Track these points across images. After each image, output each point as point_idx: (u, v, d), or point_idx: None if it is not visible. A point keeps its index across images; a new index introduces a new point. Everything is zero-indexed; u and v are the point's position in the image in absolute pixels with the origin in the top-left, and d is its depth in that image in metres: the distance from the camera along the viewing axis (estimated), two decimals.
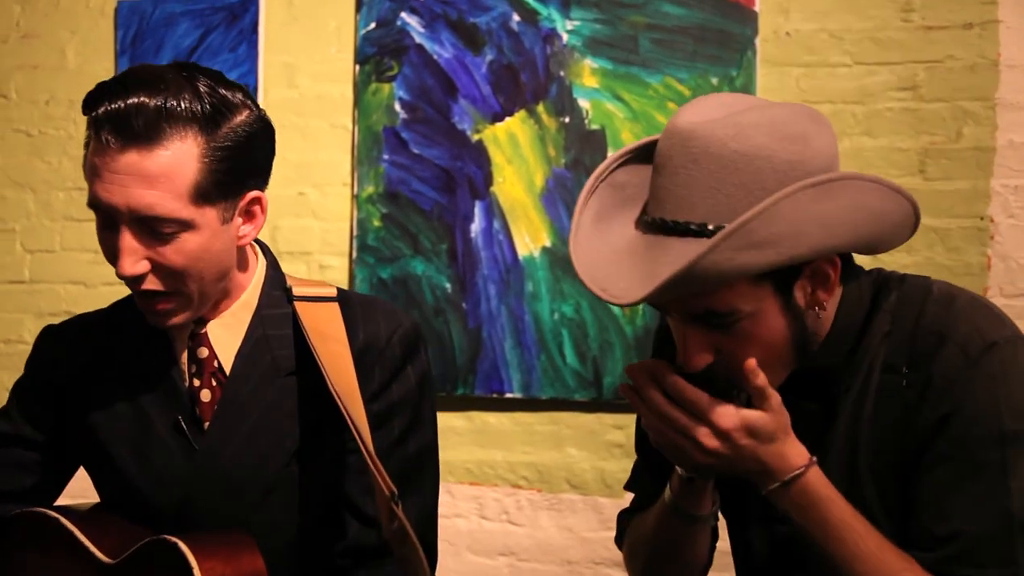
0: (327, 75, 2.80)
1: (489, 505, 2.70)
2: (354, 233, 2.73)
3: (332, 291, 1.46)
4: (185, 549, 1.22)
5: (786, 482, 1.15)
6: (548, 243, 2.59)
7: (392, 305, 1.51)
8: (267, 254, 1.48)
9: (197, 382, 1.38)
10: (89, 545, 1.34)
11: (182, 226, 1.24)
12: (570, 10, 2.58)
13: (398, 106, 2.70)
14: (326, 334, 1.37)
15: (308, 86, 2.82)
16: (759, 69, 2.48)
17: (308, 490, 1.40)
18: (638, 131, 2.52)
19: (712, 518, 1.33)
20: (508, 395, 2.63)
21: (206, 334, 1.39)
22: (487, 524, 2.70)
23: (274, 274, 1.45)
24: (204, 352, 1.38)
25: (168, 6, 2.90)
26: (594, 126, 2.57)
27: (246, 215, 1.34)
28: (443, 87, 2.67)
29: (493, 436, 2.69)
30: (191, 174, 1.22)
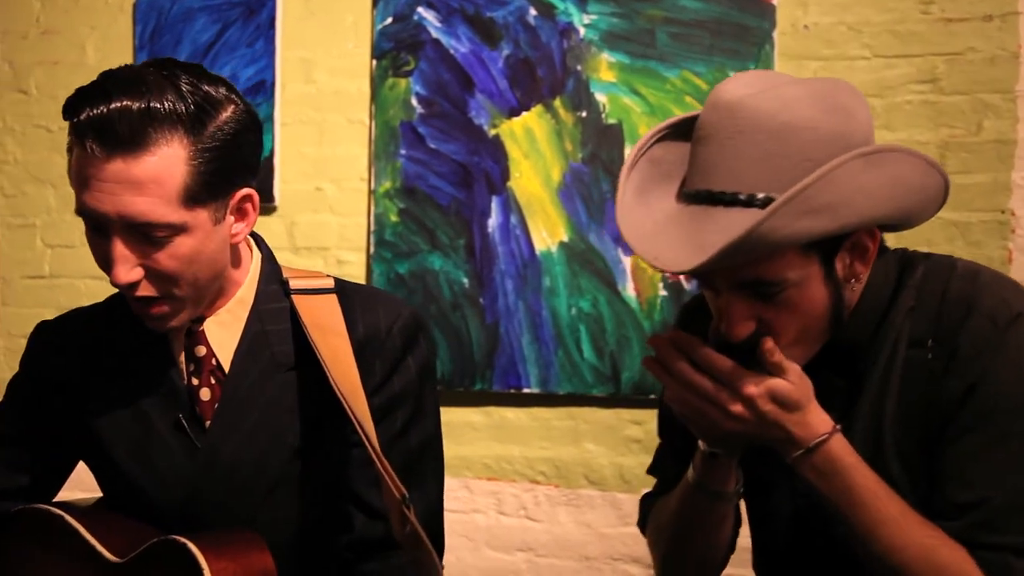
0: (344, 70, 2.80)
1: (507, 500, 2.70)
2: (371, 228, 2.74)
3: (329, 282, 1.44)
4: (195, 550, 1.21)
5: (810, 448, 1.16)
6: (565, 238, 2.59)
7: (391, 294, 1.49)
8: (262, 247, 1.46)
9: (196, 381, 1.37)
10: (96, 544, 1.33)
11: (174, 230, 1.22)
12: (587, 4, 2.57)
13: (415, 101, 2.70)
14: (325, 328, 1.36)
15: (325, 81, 2.82)
16: (777, 63, 2.46)
17: (312, 485, 1.40)
18: (655, 125, 2.50)
19: (735, 496, 1.32)
20: (526, 390, 2.62)
21: (203, 332, 1.37)
22: (505, 519, 2.70)
23: (270, 267, 1.43)
24: (202, 350, 1.37)
25: (186, 2, 2.91)
26: (611, 120, 2.56)
27: (238, 213, 1.32)
28: (460, 82, 2.67)
29: (511, 431, 2.68)
30: (179, 177, 1.20)
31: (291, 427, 1.38)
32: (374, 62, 2.74)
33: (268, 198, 2.81)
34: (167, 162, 1.19)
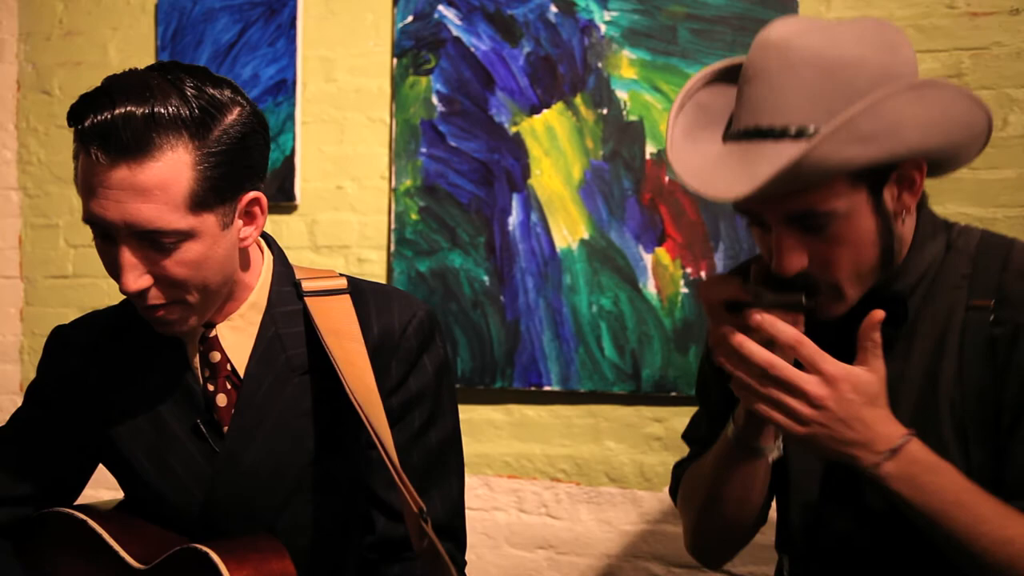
0: (365, 69, 2.81)
1: (528, 498, 2.70)
2: (392, 226, 2.74)
3: (342, 282, 1.43)
4: (216, 559, 1.22)
5: (895, 449, 1.13)
6: (586, 235, 2.58)
7: (406, 293, 1.48)
8: (273, 248, 1.45)
9: (212, 387, 1.37)
10: (119, 550, 1.34)
11: (182, 236, 1.21)
12: (608, 1, 2.56)
13: (435, 99, 2.70)
14: (340, 331, 1.35)
15: (346, 80, 2.83)
16: None
17: (332, 487, 1.40)
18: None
19: (775, 451, 1.31)
20: (546, 388, 2.62)
21: (216, 338, 1.37)
22: (526, 517, 2.70)
23: (282, 269, 1.42)
24: (216, 356, 1.37)
25: (207, 2, 2.92)
26: (632, 117, 2.55)
27: (246, 216, 1.31)
28: (480, 80, 2.67)
29: (531, 429, 2.68)
30: (186, 183, 1.19)
31: (308, 431, 1.37)
32: (394, 60, 2.75)
33: (289, 197, 2.82)
34: (172, 168, 1.18)
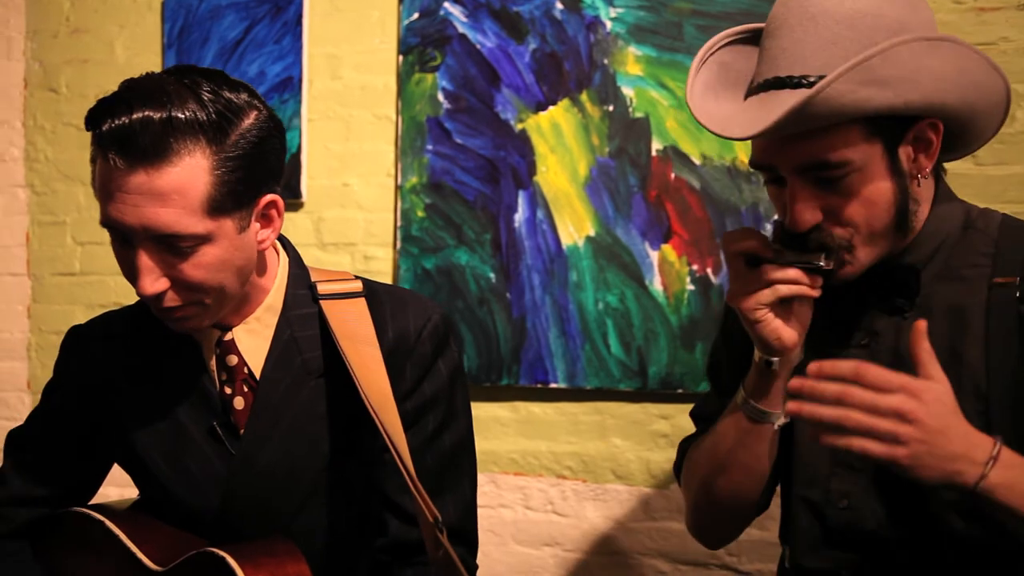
0: (371, 66, 2.81)
1: (534, 495, 2.70)
2: (398, 224, 2.74)
3: (358, 285, 1.43)
4: (233, 563, 1.22)
5: (993, 456, 1.08)
6: (592, 232, 2.58)
7: (421, 296, 1.48)
8: (289, 250, 1.45)
9: (229, 390, 1.38)
10: (136, 551, 1.34)
11: (199, 240, 1.22)
12: None
13: (441, 96, 2.70)
14: (355, 335, 1.36)
15: (352, 77, 2.83)
16: None
17: (347, 490, 1.40)
18: (683, 119, 2.49)
19: (780, 417, 1.30)
20: (552, 385, 2.62)
21: (233, 341, 1.37)
22: (532, 514, 2.70)
23: (298, 271, 1.43)
24: (233, 360, 1.37)
25: None
26: (638, 114, 2.55)
27: (263, 219, 1.31)
28: (486, 77, 2.67)
29: (538, 426, 2.68)
30: (203, 187, 1.19)
31: (324, 434, 1.38)
32: (400, 58, 2.75)
33: (295, 194, 2.82)
34: (190, 173, 1.18)
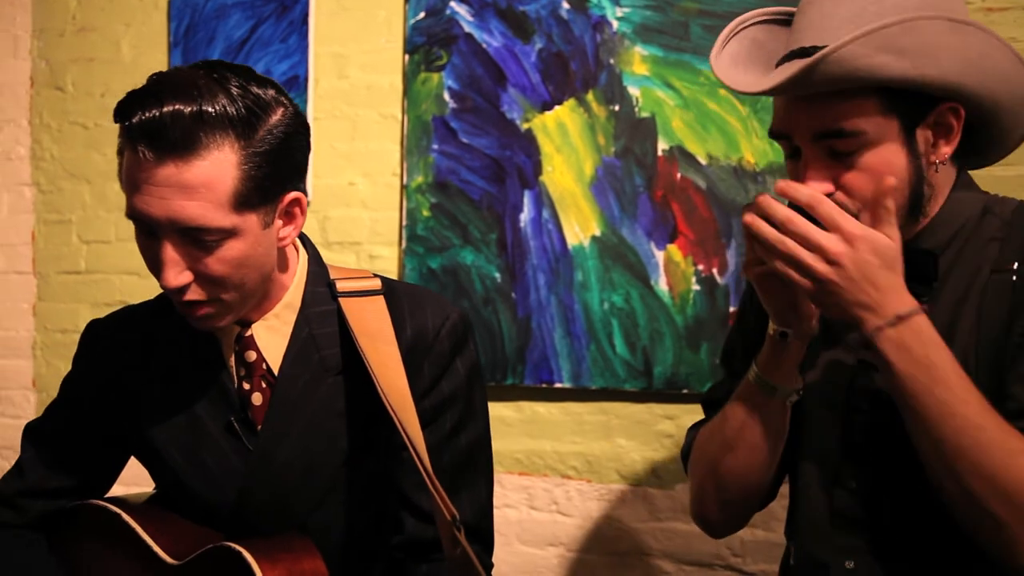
0: (376, 65, 2.81)
1: (538, 495, 2.70)
2: (403, 223, 2.74)
3: (376, 283, 1.44)
4: (250, 558, 1.23)
5: (901, 316, 1.12)
6: (598, 232, 2.58)
7: (439, 295, 1.48)
8: (308, 248, 1.46)
9: (247, 385, 1.38)
10: (152, 544, 1.35)
11: (225, 234, 1.22)
12: None
13: (447, 95, 2.70)
14: (373, 333, 1.36)
15: (358, 76, 2.83)
16: None
17: (364, 488, 1.40)
18: (689, 119, 2.49)
19: (794, 394, 1.30)
20: (557, 385, 2.62)
21: (252, 337, 1.38)
22: (536, 514, 2.70)
23: (317, 269, 1.43)
24: (252, 356, 1.38)
25: None
26: (644, 114, 2.54)
27: (286, 216, 1.32)
28: (492, 76, 2.66)
29: (542, 426, 2.68)
30: (230, 181, 1.20)
31: (341, 431, 1.38)
32: (406, 57, 2.75)
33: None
34: (218, 166, 1.19)
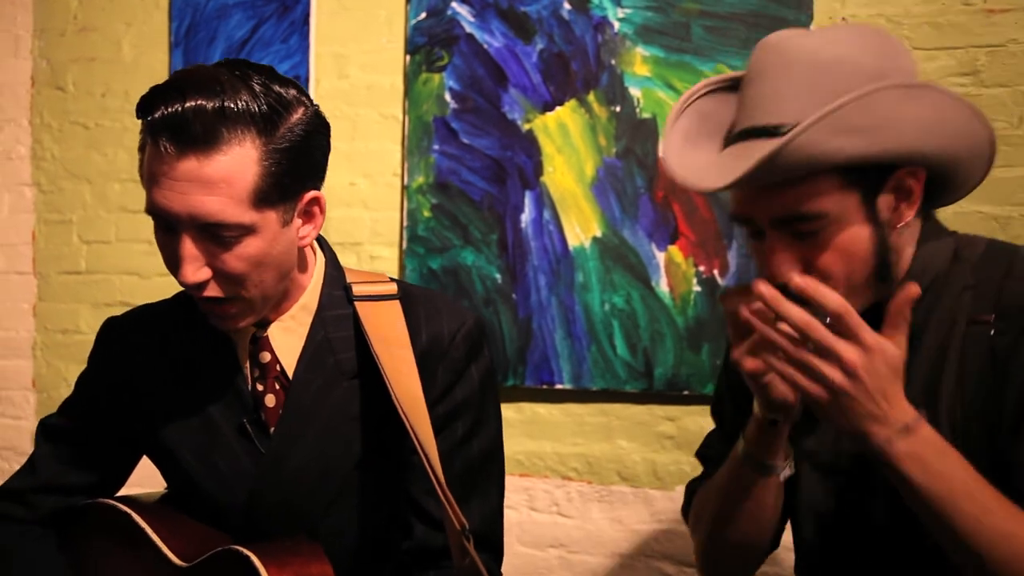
0: (377, 65, 2.80)
1: (539, 496, 2.69)
2: (404, 223, 2.73)
3: (392, 288, 1.43)
4: (258, 563, 1.22)
5: (909, 426, 1.09)
6: (599, 233, 2.58)
7: (455, 301, 1.48)
8: (326, 250, 1.45)
9: (261, 387, 1.37)
10: (162, 545, 1.34)
11: (244, 231, 1.22)
12: None
13: (448, 96, 2.70)
14: (389, 338, 1.35)
15: (359, 76, 2.83)
16: None
17: (376, 492, 1.39)
18: None
19: (786, 468, 1.30)
20: (558, 386, 2.61)
21: (267, 338, 1.37)
22: (537, 516, 2.69)
23: (334, 272, 1.43)
24: (266, 357, 1.37)
25: None
26: (645, 115, 2.54)
27: (305, 216, 1.31)
28: (493, 76, 2.66)
29: (543, 427, 2.68)
30: (251, 178, 1.20)
31: (354, 436, 1.37)
32: (407, 57, 2.74)
33: None
34: (239, 162, 1.19)
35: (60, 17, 3.14)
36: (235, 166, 1.19)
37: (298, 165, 1.25)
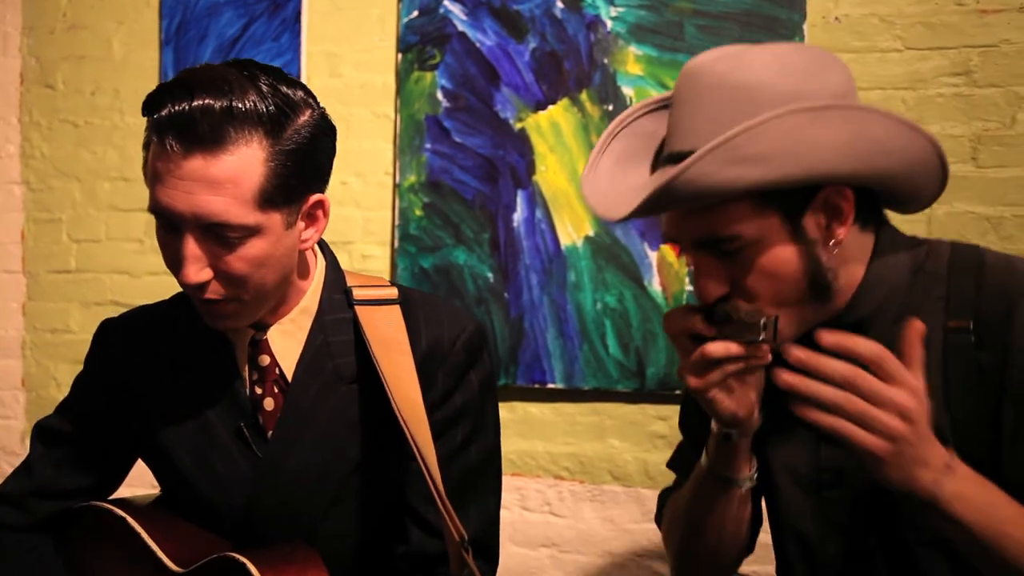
0: (369, 64, 2.80)
1: (531, 496, 2.69)
2: (396, 222, 2.73)
3: (393, 292, 1.42)
4: (254, 570, 1.22)
5: (949, 464, 1.05)
6: (591, 232, 2.57)
7: (456, 306, 1.47)
8: (327, 253, 1.44)
9: (259, 390, 1.36)
10: (157, 550, 1.34)
11: (248, 232, 1.21)
12: None
13: (440, 95, 2.69)
14: (388, 343, 1.34)
15: (351, 75, 2.82)
16: None
17: (374, 497, 1.39)
18: None
19: (748, 482, 1.29)
20: (550, 385, 2.61)
21: (267, 341, 1.36)
22: (529, 515, 2.69)
23: (334, 276, 1.42)
24: (265, 360, 1.36)
25: None
26: None
27: (308, 218, 1.30)
28: (486, 75, 2.66)
29: (535, 427, 2.67)
30: (257, 179, 1.19)
31: (352, 440, 1.36)
32: (399, 56, 2.73)
33: None
34: (245, 162, 1.18)
35: (50, 15, 3.12)
36: (241, 166, 1.18)
37: (304, 167, 1.24)
